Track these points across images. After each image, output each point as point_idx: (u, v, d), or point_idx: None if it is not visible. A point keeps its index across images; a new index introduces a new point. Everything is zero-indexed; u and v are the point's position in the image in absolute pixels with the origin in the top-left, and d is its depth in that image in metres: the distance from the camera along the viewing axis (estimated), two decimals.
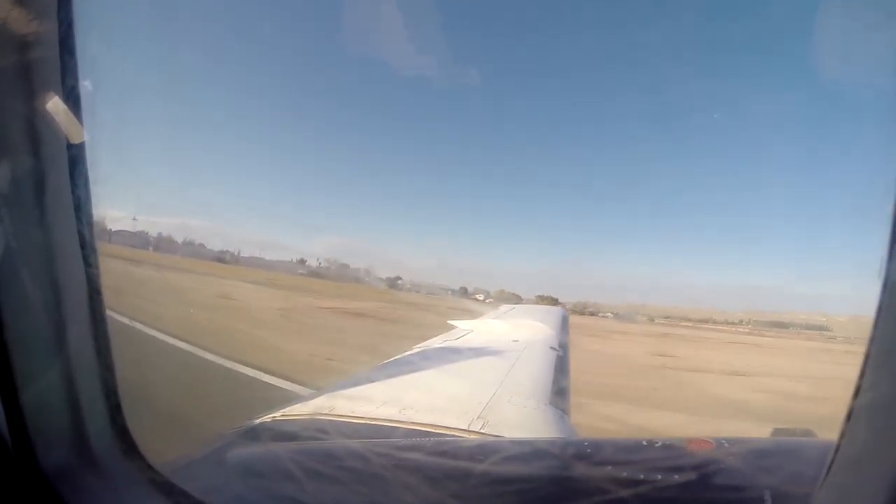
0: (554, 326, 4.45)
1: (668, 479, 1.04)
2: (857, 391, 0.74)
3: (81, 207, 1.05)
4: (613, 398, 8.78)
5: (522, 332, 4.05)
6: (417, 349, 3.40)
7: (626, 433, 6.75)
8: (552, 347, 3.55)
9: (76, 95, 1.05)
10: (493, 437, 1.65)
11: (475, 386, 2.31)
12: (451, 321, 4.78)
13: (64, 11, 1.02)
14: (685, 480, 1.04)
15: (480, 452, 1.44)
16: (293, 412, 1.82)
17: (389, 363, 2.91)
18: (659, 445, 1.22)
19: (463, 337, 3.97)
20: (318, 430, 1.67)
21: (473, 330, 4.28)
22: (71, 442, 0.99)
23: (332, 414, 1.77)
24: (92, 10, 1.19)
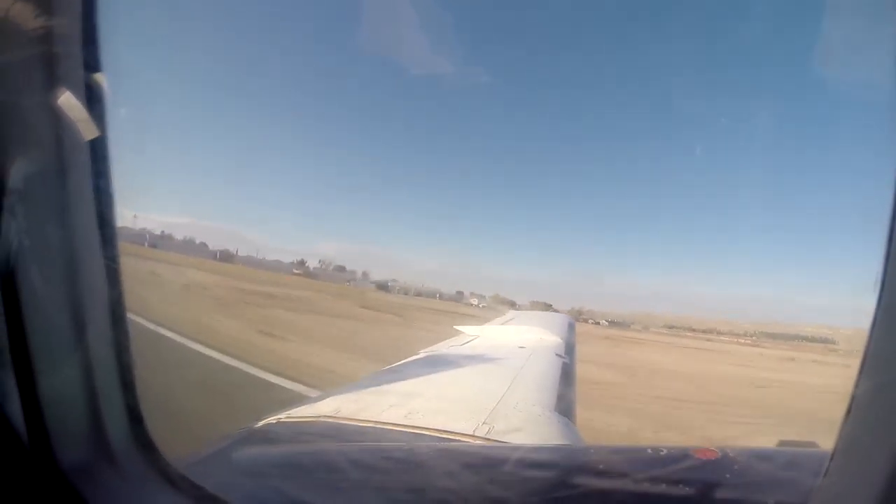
0: (560, 333, 4.44)
1: (672, 487, 1.04)
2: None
3: (103, 205, 1.05)
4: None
5: (528, 338, 4.05)
6: (423, 354, 3.41)
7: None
8: (558, 354, 3.54)
9: (99, 92, 1.04)
10: (498, 442, 1.66)
11: (481, 391, 2.31)
12: (457, 327, 4.79)
13: (88, 8, 1.01)
14: (689, 488, 1.04)
15: (485, 458, 1.45)
16: (299, 414, 1.83)
17: (396, 367, 2.93)
18: (664, 454, 1.22)
19: (469, 343, 3.97)
20: (324, 432, 1.69)
21: (480, 336, 4.29)
22: (89, 438, 1.00)
23: (338, 416, 1.78)
24: (116, 8, 1.17)
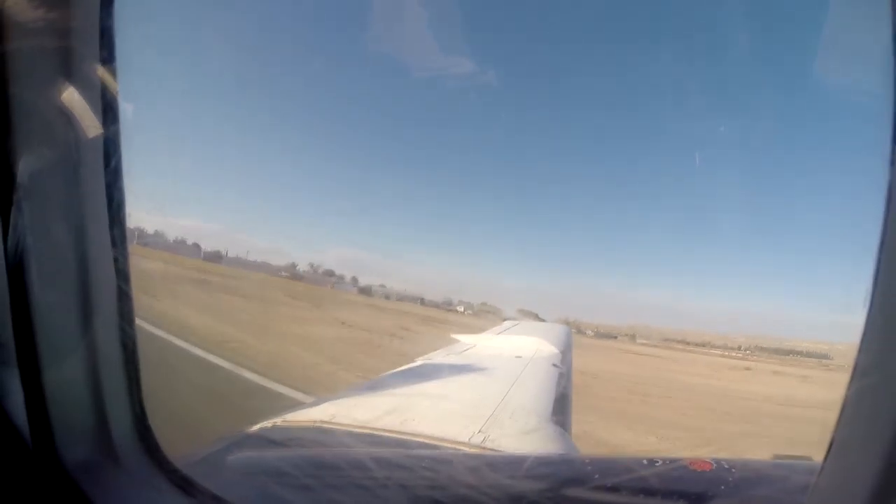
0: (557, 344, 4.44)
1: (666, 498, 1.04)
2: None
3: (114, 203, 1.06)
4: None
5: (525, 348, 4.05)
6: (420, 362, 3.41)
7: None
8: (555, 365, 3.54)
9: (113, 91, 1.04)
10: (493, 451, 1.65)
11: (477, 400, 2.31)
12: (454, 335, 4.79)
13: (105, 7, 1.01)
14: (683, 500, 1.04)
15: (480, 466, 1.45)
16: (295, 418, 1.83)
17: (392, 374, 2.93)
18: (659, 464, 1.23)
19: (465, 351, 3.97)
20: (318, 437, 1.68)
21: (476, 344, 4.29)
22: (93, 436, 1.00)
23: (333, 422, 1.78)
24: (132, 6, 1.17)
